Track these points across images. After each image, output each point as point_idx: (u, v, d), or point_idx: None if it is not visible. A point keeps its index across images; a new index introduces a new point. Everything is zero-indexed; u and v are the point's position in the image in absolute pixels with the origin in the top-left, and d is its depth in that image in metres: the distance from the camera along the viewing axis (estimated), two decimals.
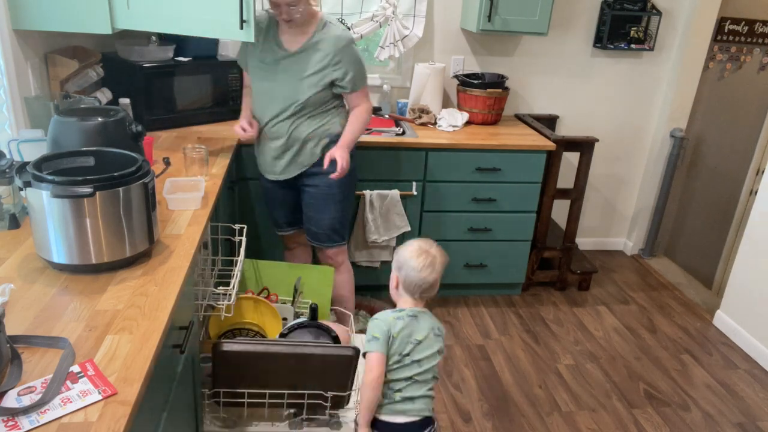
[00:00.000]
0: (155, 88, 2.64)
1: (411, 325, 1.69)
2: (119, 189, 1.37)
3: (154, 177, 1.48)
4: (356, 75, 2.28)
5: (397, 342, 1.67)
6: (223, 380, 1.82)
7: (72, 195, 1.31)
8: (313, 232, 2.50)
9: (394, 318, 1.69)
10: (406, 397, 1.68)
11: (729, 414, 2.57)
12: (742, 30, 3.75)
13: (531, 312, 3.26)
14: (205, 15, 2.19)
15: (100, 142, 1.65)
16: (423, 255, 1.72)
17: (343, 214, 2.48)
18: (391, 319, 1.69)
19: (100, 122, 1.67)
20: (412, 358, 1.68)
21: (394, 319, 1.69)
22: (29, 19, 2.08)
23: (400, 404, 1.68)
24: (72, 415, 1.00)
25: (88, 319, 1.24)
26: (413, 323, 1.70)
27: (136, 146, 1.76)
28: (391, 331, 1.67)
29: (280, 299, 2.36)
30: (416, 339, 1.68)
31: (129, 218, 1.41)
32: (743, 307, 3.06)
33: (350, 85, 2.28)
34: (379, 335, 1.66)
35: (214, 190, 2.01)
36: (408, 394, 1.68)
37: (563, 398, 2.60)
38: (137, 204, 1.42)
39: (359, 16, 3.15)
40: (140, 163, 1.46)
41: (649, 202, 3.90)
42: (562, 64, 3.49)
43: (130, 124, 1.76)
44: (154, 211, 1.49)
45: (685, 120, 3.68)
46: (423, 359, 1.68)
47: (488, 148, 2.95)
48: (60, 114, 1.69)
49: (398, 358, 1.67)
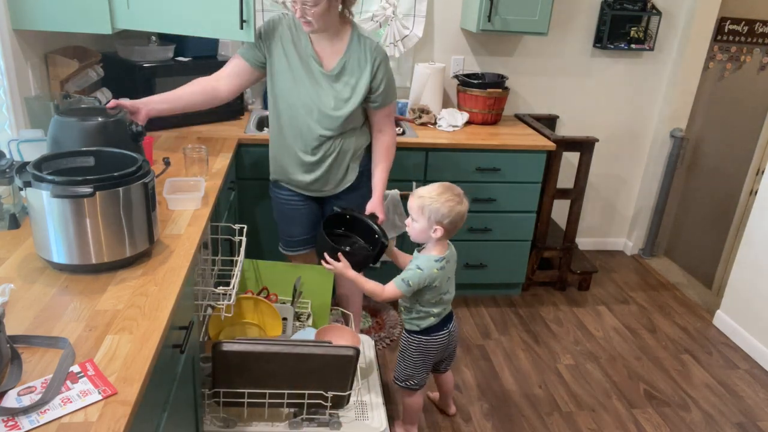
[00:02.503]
0: (155, 88, 2.64)
1: (448, 267, 1.97)
2: (119, 189, 1.37)
3: (154, 177, 1.48)
4: (388, 89, 2.20)
5: (436, 283, 1.94)
6: (223, 380, 1.82)
7: (72, 195, 1.31)
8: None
9: (437, 270, 1.93)
10: (439, 313, 2.04)
11: (729, 414, 2.57)
12: (742, 30, 3.75)
13: (531, 312, 3.26)
14: (205, 15, 2.20)
15: (100, 142, 1.65)
16: (448, 192, 1.90)
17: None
18: (435, 272, 1.92)
19: (100, 122, 1.67)
20: (447, 290, 2.01)
21: (437, 271, 1.93)
22: (29, 19, 2.08)
23: (434, 318, 2.03)
24: (72, 415, 1.00)
25: (88, 319, 1.24)
26: (448, 264, 1.97)
27: (136, 146, 1.76)
28: (432, 283, 1.93)
29: (280, 299, 2.36)
30: (449, 276, 1.99)
31: (129, 218, 1.41)
32: (743, 307, 3.06)
33: (381, 99, 2.19)
34: (413, 285, 1.92)
35: (214, 190, 2.01)
36: (440, 310, 2.03)
37: (563, 398, 2.60)
38: (137, 204, 1.42)
39: (359, 16, 3.15)
40: (140, 163, 1.46)
41: (649, 202, 3.90)
42: (562, 64, 3.49)
43: (130, 125, 1.76)
44: (154, 211, 1.49)
45: (685, 120, 3.68)
46: (452, 286, 2.04)
47: (488, 148, 2.95)
48: (60, 114, 1.69)
49: (437, 297, 1.98)
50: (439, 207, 1.86)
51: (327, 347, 1.84)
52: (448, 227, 1.90)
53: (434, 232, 1.89)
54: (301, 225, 2.43)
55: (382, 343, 2.85)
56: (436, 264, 1.93)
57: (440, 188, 1.91)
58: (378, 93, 2.17)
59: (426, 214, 1.88)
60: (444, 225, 1.88)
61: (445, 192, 1.89)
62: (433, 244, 1.95)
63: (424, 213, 1.88)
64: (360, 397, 2.08)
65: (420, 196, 1.91)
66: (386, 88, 2.19)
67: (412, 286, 1.92)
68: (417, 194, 1.92)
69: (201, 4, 2.18)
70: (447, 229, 1.90)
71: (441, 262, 1.94)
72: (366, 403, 2.07)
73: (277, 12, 3.02)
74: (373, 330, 2.94)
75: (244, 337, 2.06)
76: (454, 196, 1.89)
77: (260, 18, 2.91)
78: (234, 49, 3.14)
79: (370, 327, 2.97)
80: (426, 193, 1.90)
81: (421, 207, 1.88)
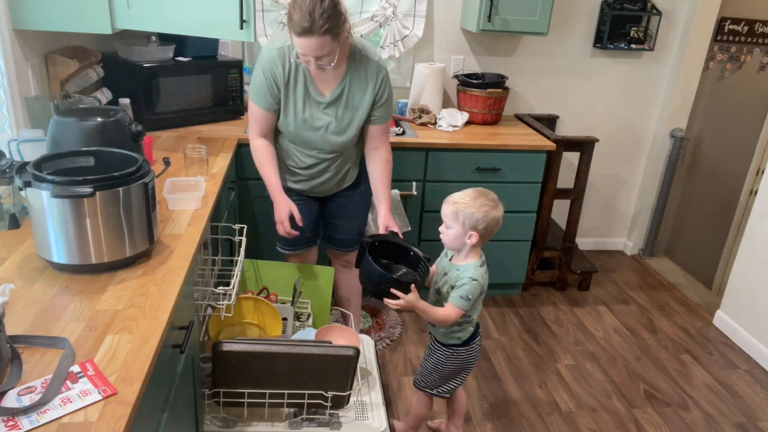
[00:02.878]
0: (155, 88, 2.64)
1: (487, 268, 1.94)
2: (119, 189, 1.37)
3: (154, 177, 1.48)
4: (389, 105, 2.17)
5: (485, 288, 1.91)
6: (223, 380, 1.82)
7: (72, 195, 1.30)
8: (338, 239, 2.46)
9: (484, 273, 1.90)
10: (475, 319, 1.99)
11: (729, 414, 2.57)
12: (742, 30, 3.75)
13: (531, 312, 3.26)
14: (205, 15, 2.20)
15: (100, 142, 1.65)
16: (482, 197, 1.85)
17: (366, 218, 2.50)
18: (484, 278, 1.89)
19: (99, 122, 1.67)
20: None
21: (484, 275, 1.90)
22: (29, 19, 2.08)
23: (473, 326, 1.99)
24: (72, 415, 1.00)
25: (88, 319, 1.24)
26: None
27: (136, 146, 1.76)
28: (483, 287, 1.89)
29: (280, 299, 2.36)
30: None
31: (129, 218, 1.41)
32: (743, 307, 3.06)
33: (381, 114, 2.15)
34: (473, 298, 1.86)
35: (214, 190, 2.01)
36: (476, 315, 1.98)
37: (563, 398, 2.60)
38: (137, 204, 1.42)
39: (359, 16, 3.15)
40: (140, 163, 1.46)
41: (649, 202, 3.90)
42: (562, 64, 3.49)
43: (130, 124, 1.75)
44: (154, 211, 1.49)
45: (685, 120, 3.68)
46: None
47: (488, 148, 2.95)
48: (60, 114, 1.69)
49: (480, 297, 1.92)
50: (474, 212, 1.81)
51: (327, 347, 1.84)
52: (483, 233, 1.84)
53: (469, 238, 1.84)
54: (302, 228, 2.42)
55: (382, 343, 2.85)
56: (482, 269, 1.89)
57: (474, 193, 1.86)
58: (380, 107, 2.13)
59: (460, 219, 1.82)
60: (479, 230, 1.83)
61: (479, 197, 1.84)
62: (468, 250, 1.88)
63: (458, 218, 1.83)
64: (360, 397, 2.08)
65: (454, 201, 1.85)
66: (387, 104, 2.16)
67: (471, 300, 1.86)
68: (451, 200, 1.87)
69: (201, 4, 2.18)
70: (482, 235, 1.84)
71: (484, 266, 1.90)
72: (366, 403, 2.07)
73: (276, 11, 3.02)
74: (373, 330, 2.94)
75: (244, 337, 2.06)
76: (488, 201, 1.84)
77: (260, 18, 2.91)
78: (234, 49, 3.14)
79: (370, 327, 2.97)
80: (460, 198, 1.85)
81: (455, 213, 1.83)
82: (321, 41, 1.83)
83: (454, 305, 1.85)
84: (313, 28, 1.79)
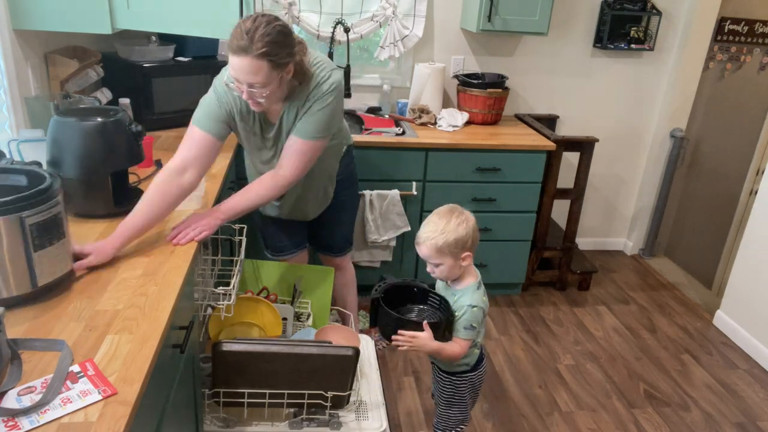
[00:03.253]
0: (155, 88, 2.64)
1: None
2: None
3: (52, 208, 1.27)
4: (308, 124, 1.85)
5: (485, 312, 1.79)
6: (223, 380, 1.82)
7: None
8: (325, 244, 2.46)
9: (482, 296, 1.78)
10: (480, 341, 1.86)
11: (729, 414, 2.57)
12: (742, 30, 3.75)
13: (531, 312, 3.26)
14: (205, 15, 2.19)
15: (100, 143, 1.65)
16: (447, 216, 1.71)
17: (352, 221, 2.49)
18: (483, 301, 1.77)
19: (99, 122, 1.67)
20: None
21: (483, 297, 1.78)
22: (29, 19, 2.08)
23: (478, 349, 1.88)
24: (72, 415, 1.00)
25: (88, 319, 1.24)
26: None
27: (137, 146, 1.76)
28: (485, 310, 1.78)
29: (280, 299, 2.36)
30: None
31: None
32: (743, 307, 3.06)
33: (303, 125, 1.86)
34: (477, 326, 1.75)
35: (214, 190, 2.01)
36: (481, 337, 1.86)
37: (563, 398, 2.60)
38: (9, 240, 1.21)
39: (359, 16, 3.15)
40: (29, 192, 1.24)
41: (649, 202, 3.90)
42: (562, 64, 3.49)
43: (130, 124, 1.75)
44: (43, 250, 1.27)
45: (685, 120, 3.68)
46: None
47: (488, 148, 2.95)
48: (60, 114, 1.69)
49: (484, 320, 1.81)
50: (456, 236, 1.67)
51: (327, 347, 1.84)
52: (472, 248, 1.73)
53: (464, 261, 1.72)
54: (287, 234, 2.36)
55: (382, 343, 2.85)
56: (480, 291, 1.77)
57: (440, 219, 1.71)
58: (301, 119, 1.87)
59: (447, 251, 1.69)
60: (468, 248, 1.71)
61: (448, 219, 1.70)
62: (463, 271, 1.78)
63: (445, 252, 1.69)
64: (360, 397, 2.08)
65: (430, 239, 1.69)
66: (306, 121, 1.86)
67: (476, 327, 1.75)
68: (424, 239, 1.70)
69: (201, 4, 2.17)
70: (472, 251, 1.74)
71: (481, 287, 1.79)
72: (366, 403, 2.07)
73: (276, 11, 3.02)
74: (374, 330, 2.94)
75: (244, 337, 2.06)
76: (457, 216, 1.70)
77: None
78: None
79: (370, 327, 2.96)
80: (432, 232, 1.69)
81: (438, 248, 1.68)
82: (256, 65, 1.63)
83: (461, 338, 1.74)
84: (249, 48, 1.61)
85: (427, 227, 1.72)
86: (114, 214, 1.70)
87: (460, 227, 1.69)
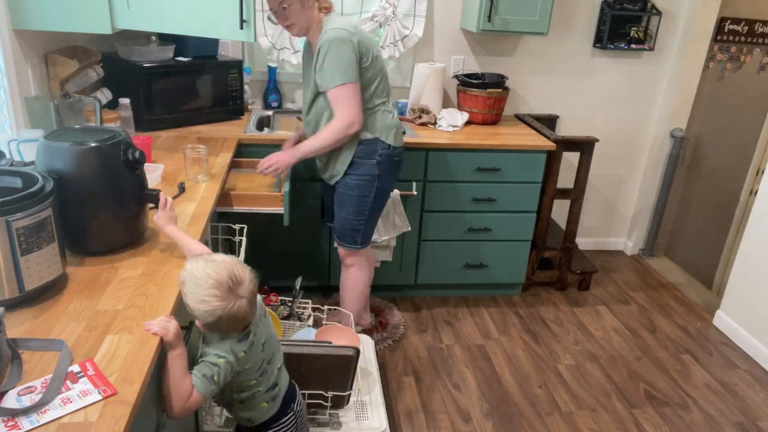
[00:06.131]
0: (155, 88, 2.64)
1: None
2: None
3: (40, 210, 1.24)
4: (325, 71, 2.17)
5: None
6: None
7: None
8: (333, 226, 2.55)
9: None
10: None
11: (729, 414, 2.57)
12: (742, 30, 3.75)
13: (531, 312, 3.26)
14: (205, 15, 2.20)
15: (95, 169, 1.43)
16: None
17: (356, 218, 2.43)
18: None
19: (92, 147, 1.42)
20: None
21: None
22: (29, 19, 2.08)
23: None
24: (72, 415, 1.00)
25: (88, 319, 1.24)
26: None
27: (133, 175, 1.52)
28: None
29: (280, 299, 2.36)
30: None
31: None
32: (743, 307, 3.06)
33: (320, 81, 2.22)
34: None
35: (214, 190, 2.01)
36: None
37: (563, 398, 2.60)
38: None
39: (359, 16, 3.15)
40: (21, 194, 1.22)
41: (649, 202, 3.90)
42: (562, 64, 3.49)
43: (126, 150, 1.48)
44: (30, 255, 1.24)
45: (685, 120, 3.68)
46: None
47: (488, 148, 2.95)
48: (48, 138, 1.45)
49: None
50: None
51: (327, 347, 1.85)
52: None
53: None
54: (326, 202, 2.66)
55: (384, 343, 2.85)
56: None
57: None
58: (317, 74, 2.22)
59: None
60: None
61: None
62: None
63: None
64: (360, 397, 2.08)
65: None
66: (320, 76, 2.20)
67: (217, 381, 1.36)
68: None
69: (201, 4, 2.17)
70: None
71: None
72: (366, 403, 2.07)
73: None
74: (376, 330, 2.94)
75: None
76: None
77: (260, 18, 2.91)
78: (234, 49, 3.14)
79: (373, 327, 2.96)
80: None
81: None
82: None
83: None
84: None
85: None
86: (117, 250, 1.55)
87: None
